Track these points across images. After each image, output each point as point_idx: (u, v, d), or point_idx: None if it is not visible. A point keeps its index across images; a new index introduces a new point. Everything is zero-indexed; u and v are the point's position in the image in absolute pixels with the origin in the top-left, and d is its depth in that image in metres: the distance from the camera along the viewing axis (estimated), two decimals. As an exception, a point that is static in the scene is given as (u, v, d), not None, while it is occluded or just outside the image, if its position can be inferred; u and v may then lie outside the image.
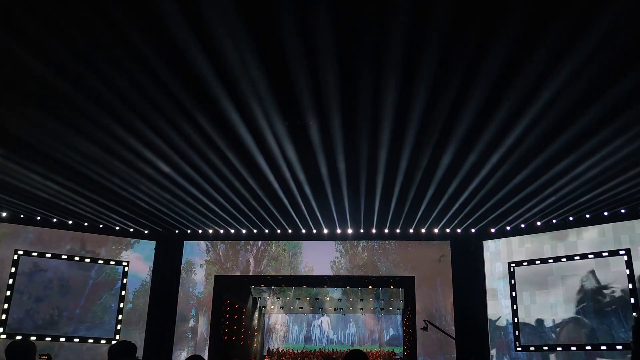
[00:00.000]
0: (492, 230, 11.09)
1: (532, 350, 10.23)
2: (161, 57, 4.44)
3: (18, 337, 9.75)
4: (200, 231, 11.86)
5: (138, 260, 11.83)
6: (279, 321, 17.85)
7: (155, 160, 6.85)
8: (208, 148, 6.44)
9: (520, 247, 10.83)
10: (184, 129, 5.88)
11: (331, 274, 12.20)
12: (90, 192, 8.42)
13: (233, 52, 4.26)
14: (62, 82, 4.83)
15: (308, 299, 15.94)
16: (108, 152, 6.57)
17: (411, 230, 11.32)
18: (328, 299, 15.99)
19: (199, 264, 12.18)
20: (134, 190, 8.24)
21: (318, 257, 12.18)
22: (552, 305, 10.12)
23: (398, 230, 11.35)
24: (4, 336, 10.10)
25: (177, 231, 11.90)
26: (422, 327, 10.59)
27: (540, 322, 10.27)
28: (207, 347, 11.61)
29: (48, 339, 10.58)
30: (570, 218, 9.87)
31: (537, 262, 10.48)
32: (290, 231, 11.63)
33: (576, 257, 9.94)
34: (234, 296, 13.44)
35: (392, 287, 14.28)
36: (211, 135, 6.02)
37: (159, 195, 8.51)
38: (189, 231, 11.86)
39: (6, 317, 10.27)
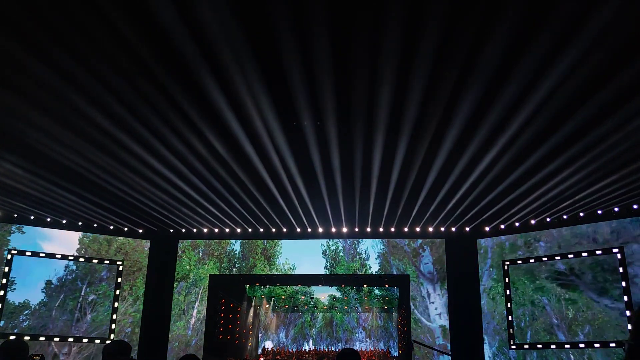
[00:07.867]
0: (487, 228, 11.13)
1: (527, 348, 10.28)
2: (153, 51, 4.42)
3: (12, 337, 9.70)
4: (194, 230, 11.83)
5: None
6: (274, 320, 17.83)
7: (149, 159, 6.81)
8: (202, 146, 6.41)
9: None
10: (178, 127, 5.86)
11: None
12: (84, 191, 8.37)
13: (225, 44, 4.25)
14: (54, 78, 4.78)
15: (303, 297, 15.95)
16: (101, 150, 6.53)
17: (406, 229, 11.35)
18: (323, 297, 16.00)
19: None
20: (128, 189, 8.19)
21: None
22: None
23: (393, 229, 11.37)
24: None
25: (171, 230, 11.86)
26: (410, 348, 10.39)
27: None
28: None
29: (42, 338, 10.52)
30: (565, 216, 9.92)
31: (531, 261, 10.52)
32: (284, 230, 11.63)
33: (570, 255, 9.98)
34: (229, 295, 13.42)
35: (386, 285, 14.29)
36: (205, 133, 5.99)
37: (153, 194, 8.47)
38: (183, 230, 11.82)
39: (-1, 316, 10.21)
